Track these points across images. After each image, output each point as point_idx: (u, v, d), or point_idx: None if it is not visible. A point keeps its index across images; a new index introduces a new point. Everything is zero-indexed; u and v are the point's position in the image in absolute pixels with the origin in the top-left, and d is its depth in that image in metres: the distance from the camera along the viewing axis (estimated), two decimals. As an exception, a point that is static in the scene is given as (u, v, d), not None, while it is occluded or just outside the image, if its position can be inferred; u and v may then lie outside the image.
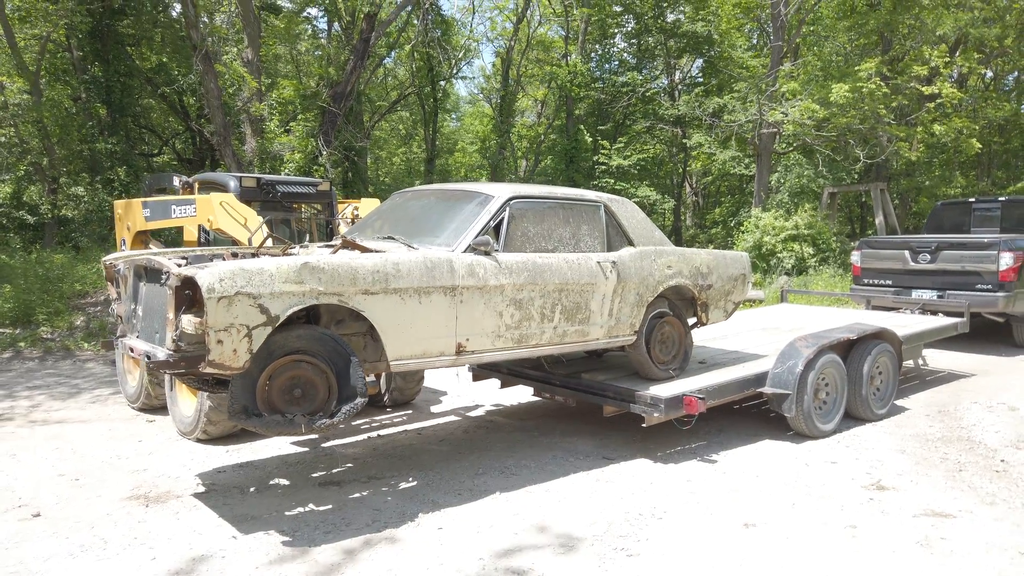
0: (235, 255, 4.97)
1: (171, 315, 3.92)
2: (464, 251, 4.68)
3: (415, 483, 4.99)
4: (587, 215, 5.46)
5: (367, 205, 7.63)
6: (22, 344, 10.06)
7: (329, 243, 5.22)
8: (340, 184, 18.86)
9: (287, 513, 4.49)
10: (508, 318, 4.83)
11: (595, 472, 5.17)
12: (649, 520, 4.36)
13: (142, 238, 7.73)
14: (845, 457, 5.44)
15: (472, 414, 6.86)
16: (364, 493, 4.81)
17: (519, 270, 4.85)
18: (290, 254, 5.10)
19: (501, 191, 5.08)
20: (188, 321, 3.83)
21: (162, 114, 22.90)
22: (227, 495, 4.80)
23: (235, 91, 16.43)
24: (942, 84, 15.74)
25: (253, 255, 5.08)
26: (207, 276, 3.75)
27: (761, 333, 7.67)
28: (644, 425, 5.39)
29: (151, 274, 4.44)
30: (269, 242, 6.20)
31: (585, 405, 5.99)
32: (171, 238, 8.71)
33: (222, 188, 7.02)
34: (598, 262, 5.29)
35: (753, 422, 6.37)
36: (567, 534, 4.17)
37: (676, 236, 26.15)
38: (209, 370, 3.81)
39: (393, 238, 4.93)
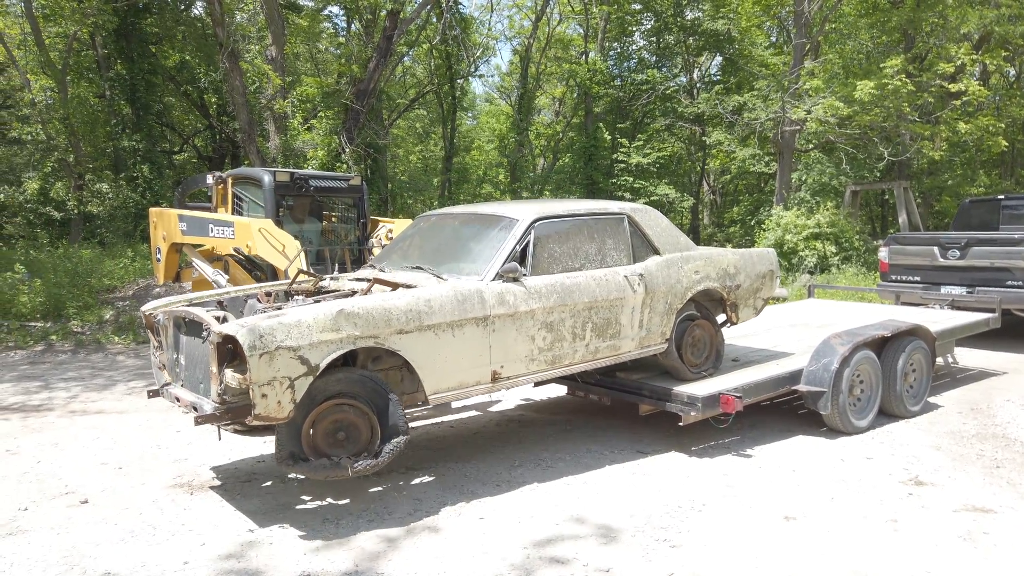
0: (268, 294, 5.04)
1: (215, 369, 4.00)
2: (493, 279, 4.70)
3: (453, 475, 5.03)
4: (611, 228, 5.44)
5: (401, 227, 7.69)
6: (54, 337, 10.20)
7: (359, 277, 5.22)
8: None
9: (330, 502, 4.54)
10: (540, 341, 4.86)
11: (630, 466, 5.20)
12: (689, 512, 4.38)
13: (177, 247, 7.83)
14: (881, 453, 5.44)
15: (500, 408, 6.89)
16: (403, 483, 4.86)
17: (548, 293, 4.87)
18: (321, 288, 5.17)
19: (525, 213, 5.08)
20: (232, 376, 3.93)
21: (183, 112, 23.10)
22: (269, 484, 4.87)
23: (258, 88, 16.56)
24: (968, 82, 15.61)
25: (286, 292, 5.15)
26: (247, 334, 3.81)
27: (790, 330, 7.66)
28: (681, 424, 5.40)
29: (191, 326, 4.50)
30: (303, 262, 6.26)
31: (617, 402, 6.01)
32: None
33: (256, 183, 7.11)
34: (625, 276, 5.29)
35: (784, 418, 6.36)
36: (608, 525, 4.20)
37: (694, 235, 26.10)
38: (255, 423, 3.91)
39: (421, 268, 4.96)
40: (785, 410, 6.62)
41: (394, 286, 4.71)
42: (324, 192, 7.28)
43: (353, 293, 4.86)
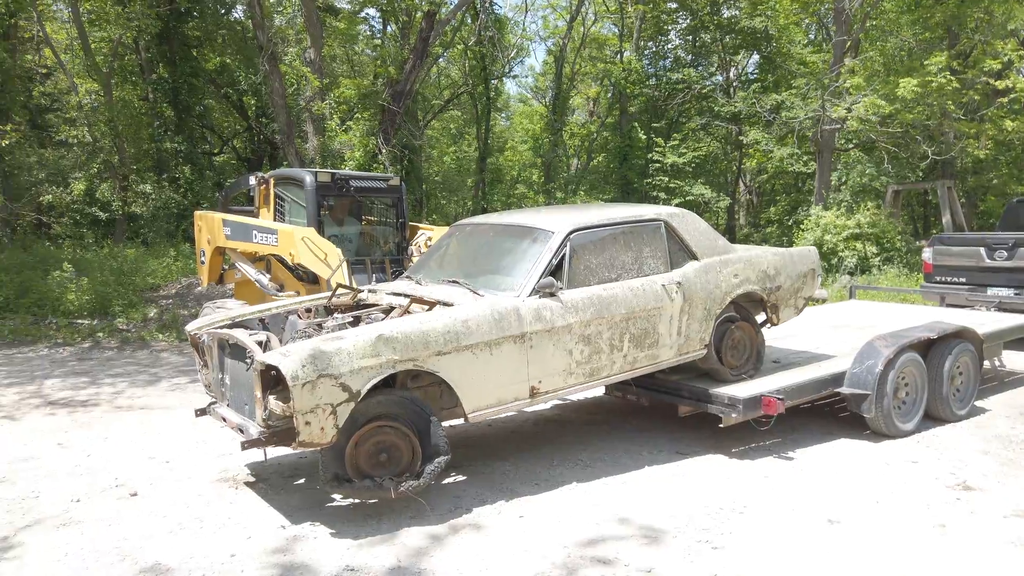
0: (308, 310, 5.11)
1: (259, 394, 4.09)
2: (529, 295, 4.69)
3: (492, 473, 5.06)
4: (648, 236, 5.38)
5: (440, 234, 7.75)
6: (100, 334, 10.45)
7: (396, 291, 5.21)
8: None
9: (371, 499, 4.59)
10: (578, 354, 4.85)
11: (670, 467, 5.17)
12: (730, 514, 4.34)
13: (221, 250, 8.00)
14: (926, 457, 5.34)
15: (537, 408, 6.88)
16: (443, 481, 4.89)
17: (585, 306, 4.85)
18: (360, 301, 5.23)
19: (560, 225, 5.04)
20: (275, 403, 4.00)
21: (222, 114, 23.49)
22: (312, 479, 4.94)
23: (297, 91, 16.79)
24: (1015, 78, 15.24)
25: (326, 308, 5.23)
26: (290, 364, 3.87)
27: (832, 331, 7.54)
28: (721, 425, 5.36)
29: (235, 349, 4.58)
30: (345, 273, 6.36)
31: (655, 402, 5.98)
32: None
33: (297, 183, 7.21)
34: (663, 285, 5.23)
35: (826, 421, 6.27)
36: (649, 526, 4.19)
37: (730, 235, 25.81)
38: (300, 449, 4.01)
39: (457, 282, 4.97)
40: (826, 413, 6.53)
41: (431, 305, 4.72)
42: (364, 192, 7.37)
43: (391, 308, 4.91)
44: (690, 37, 25.74)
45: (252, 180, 7.68)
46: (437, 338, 4.30)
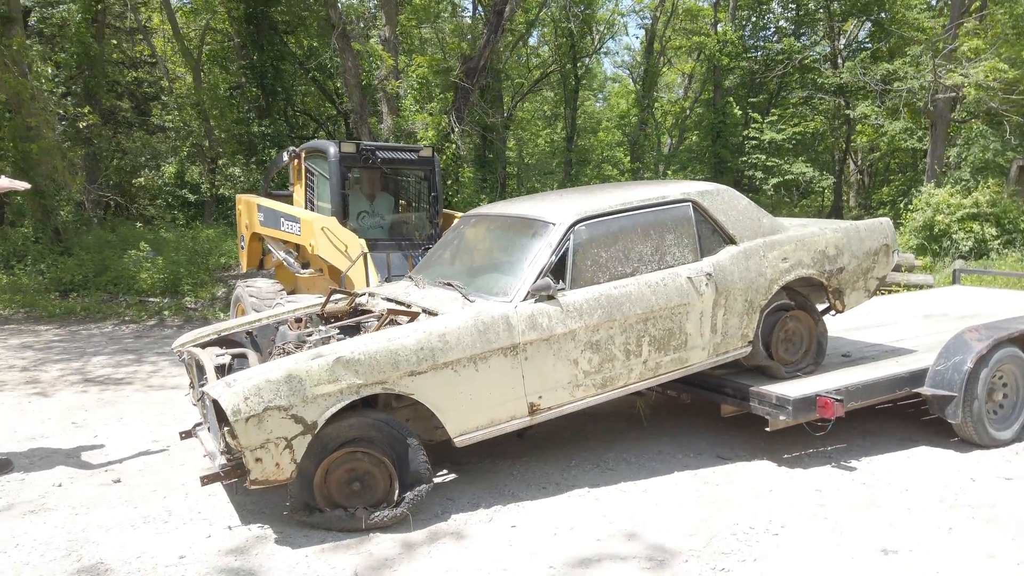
0: (299, 320, 4.72)
1: (216, 425, 3.70)
2: (524, 300, 4.09)
3: (497, 473, 4.54)
4: (672, 220, 4.63)
5: None
6: (167, 312, 10.59)
7: (391, 296, 4.70)
8: (477, 164, 18.72)
9: (356, 497, 4.16)
10: (586, 364, 4.22)
11: (704, 473, 4.49)
12: (761, 536, 3.65)
13: (258, 236, 7.84)
14: (1024, 474, 4.42)
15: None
16: (440, 480, 4.41)
17: (590, 309, 4.20)
18: (358, 306, 4.83)
19: (563, 215, 4.38)
20: (229, 437, 3.60)
21: (314, 98, 23.78)
22: (302, 473, 4.56)
23: (372, 69, 16.64)
24: None
25: (320, 315, 4.83)
26: (231, 397, 3.46)
27: (923, 321, 6.55)
28: (768, 429, 4.62)
29: (201, 372, 4.22)
30: (365, 265, 6.00)
31: (700, 400, 5.27)
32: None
33: (323, 155, 6.90)
34: (688, 278, 4.50)
35: (907, 425, 5.38)
36: (658, 545, 3.56)
37: (835, 217, 24.07)
38: (255, 487, 3.58)
39: (451, 284, 4.39)
40: (910, 414, 5.61)
41: (412, 315, 4.23)
42: (392, 164, 6.95)
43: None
44: (793, 5, 24.05)
45: (285, 156, 7.43)
46: (409, 356, 3.78)
